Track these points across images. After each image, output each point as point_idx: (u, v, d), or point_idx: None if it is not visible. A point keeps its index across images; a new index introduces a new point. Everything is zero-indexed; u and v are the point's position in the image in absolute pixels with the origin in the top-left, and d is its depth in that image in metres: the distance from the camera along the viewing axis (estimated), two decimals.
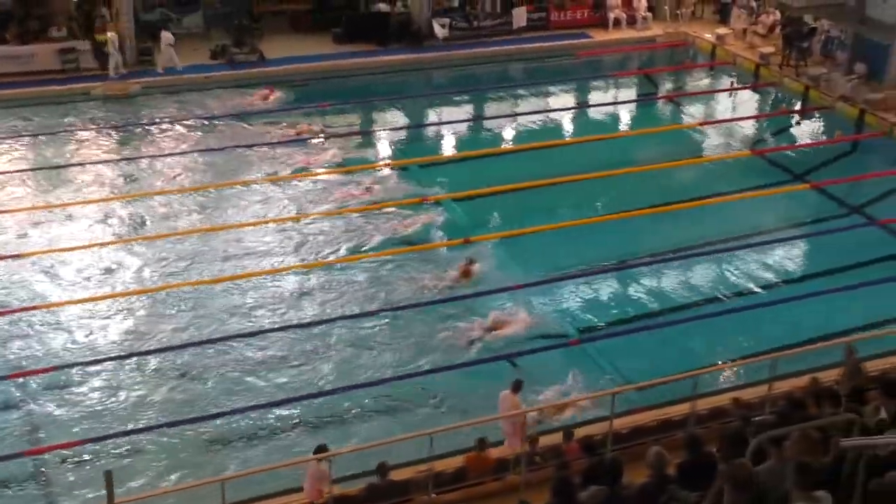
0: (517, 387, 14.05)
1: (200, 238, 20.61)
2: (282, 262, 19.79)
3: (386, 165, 24.23)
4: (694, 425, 13.05)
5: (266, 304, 18.31)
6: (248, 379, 16.21)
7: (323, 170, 23.87)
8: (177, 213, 21.76)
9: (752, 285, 19.36)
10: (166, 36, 29.27)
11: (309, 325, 17.71)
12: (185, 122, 26.54)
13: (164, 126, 26.30)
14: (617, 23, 34.11)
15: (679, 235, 21.05)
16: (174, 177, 23.52)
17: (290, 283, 19.10)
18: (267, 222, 21.32)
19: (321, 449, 12.34)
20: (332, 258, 19.92)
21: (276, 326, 17.59)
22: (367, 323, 17.80)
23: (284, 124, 26.38)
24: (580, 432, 13.20)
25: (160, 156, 24.62)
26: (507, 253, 20.31)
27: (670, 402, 14.55)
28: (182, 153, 24.72)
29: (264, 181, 23.24)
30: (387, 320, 17.88)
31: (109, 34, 28.50)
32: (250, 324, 17.67)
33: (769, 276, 19.81)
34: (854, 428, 8.59)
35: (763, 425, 9.35)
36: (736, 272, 19.88)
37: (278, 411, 15.44)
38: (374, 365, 16.58)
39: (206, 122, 26.53)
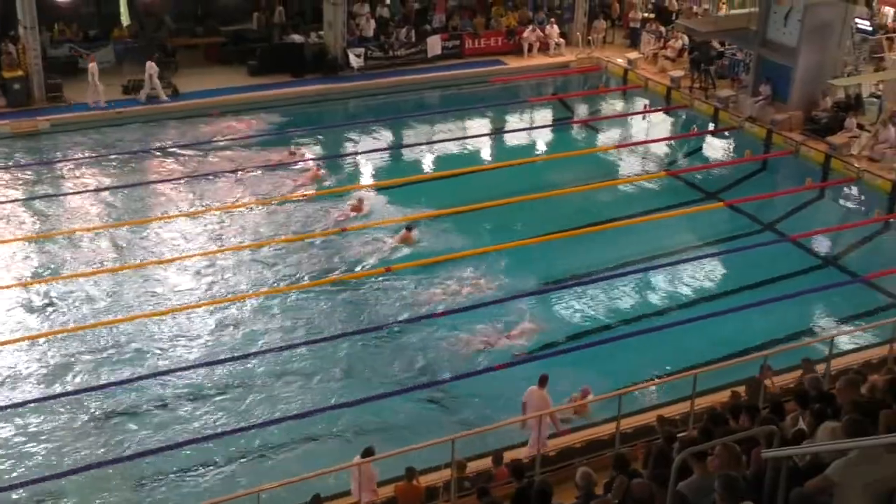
0: (543, 381, 14.60)
1: (114, 277, 20.29)
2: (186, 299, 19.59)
3: (303, 196, 24.11)
4: (621, 444, 13.23)
5: (176, 342, 18.08)
6: (164, 415, 15.99)
7: (246, 201, 23.71)
8: (88, 252, 21.29)
9: (671, 303, 19.75)
10: (150, 65, 29.26)
11: (234, 358, 17.53)
12: (97, 158, 26.09)
13: (74, 163, 25.83)
14: (531, 49, 34.61)
15: (598, 257, 21.33)
16: (87, 214, 23.10)
17: (200, 320, 18.88)
18: (183, 258, 21.06)
19: (369, 451, 12.86)
20: (248, 293, 19.78)
21: (199, 362, 17.39)
22: (287, 355, 17.72)
23: (199, 158, 26.20)
24: (509, 455, 13.27)
25: (71, 193, 24.20)
26: (432, 280, 20.37)
27: (596, 422, 14.74)
28: (95, 190, 24.30)
29: (180, 216, 23.00)
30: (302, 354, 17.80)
31: (90, 65, 28.44)
32: (164, 363, 17.41)
33: (688, 293, 20.24)
34: (774, 439, 8.79)
35: (686, 441, 9.53)
36: (655, 291, 20.28)
37: (208, 445, 15.26)
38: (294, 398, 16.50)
39: (119, 158, 26.13)
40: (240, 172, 25.32)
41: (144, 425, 15.78)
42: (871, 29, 32.29)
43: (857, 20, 30.51)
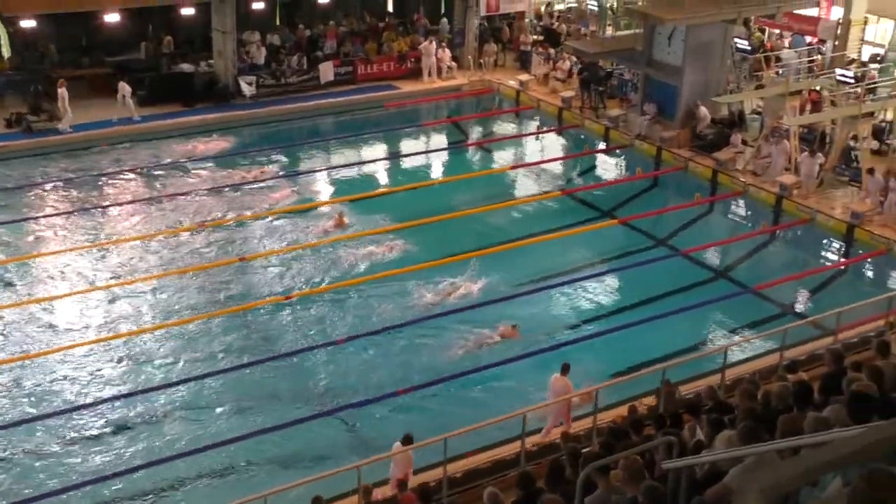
0: (566, 369, 15.43)
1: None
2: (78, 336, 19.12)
3: (201, 225, 23.81)
4: (526, 463, 13.35)
5: (74, 381, 17.65)
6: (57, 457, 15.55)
7: (141, 233, 23.31)
8: None
9: (570, 321, 20.01)
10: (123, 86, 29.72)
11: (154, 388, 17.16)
12: None
13: None
14: (430, 73, 34.86)
15: (495, 279, 21.51)
16: None
17: (99, 356, 18.44)
18: (73, 293, 20.59)
19: (408, 438, 13.61)
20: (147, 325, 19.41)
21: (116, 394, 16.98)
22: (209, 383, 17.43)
23: (87, 191, 25.68)
24: (415, 480, 13.25)
25: None
26: (333, 307, 20.29)
27: (501, 441, 14.83)
28: None
29: (68, 251, 22.49)
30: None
31: (60, 90, 28.54)
32: (52, 404, 16.95)
33: (586, 311, 20.51)
34: (674, 450, 9.01)
35: (590, 456, 9.69)
36: (553, 310, 20.52)
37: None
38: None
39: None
40: (133, 204, 24.87)
41: (58, 465, 15.38)
42: (749, 48, 33.53)
43: (736, 40, 31.64)
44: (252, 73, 32.64)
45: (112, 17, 30.66)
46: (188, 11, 31.99)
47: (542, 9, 41.38)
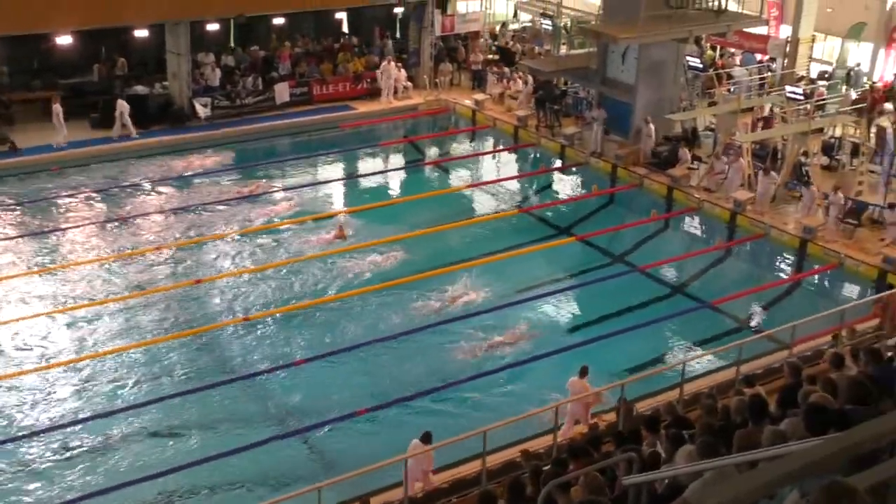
0: (584, 372, 15.96)
1: None
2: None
3: (157, 248, 23.61)
4: (487, 482, 13.33)
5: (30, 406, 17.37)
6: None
7: (97, 256, 23.05)
8: None
9: (528, 339, 20.04)
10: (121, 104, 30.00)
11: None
12: None
13: None
14: (387, 93, 34.89)
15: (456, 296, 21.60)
16: None
17: (53, 380, 18.18)
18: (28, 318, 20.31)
19: (427, 436, 13.92)
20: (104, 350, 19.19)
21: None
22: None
23: (40, 215, 25.39)
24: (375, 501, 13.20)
25: None
26: (288, 328, 20.19)
27: (462, 460, 14.81)
28: None
29: (21, 275, 22.19)
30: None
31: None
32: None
33: (545, 329, 20.57)
34: (633, 465, 9.04)
35: (550, 474, 9.70)
36: (512, 328, 20.53)
37: None
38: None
39: None
40: (88, 227, 24.67)
41: (17, 491, 15.17)
42: (701, 66, 33.99)
43: (688, 58, 32.07)
44: (207, 94, 32.46)
45: (64, 40, 30.37)
46: (142, 33, 31.78)
47: (497, 28, 41.69)
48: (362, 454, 15.59)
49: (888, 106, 31.52)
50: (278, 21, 35.27)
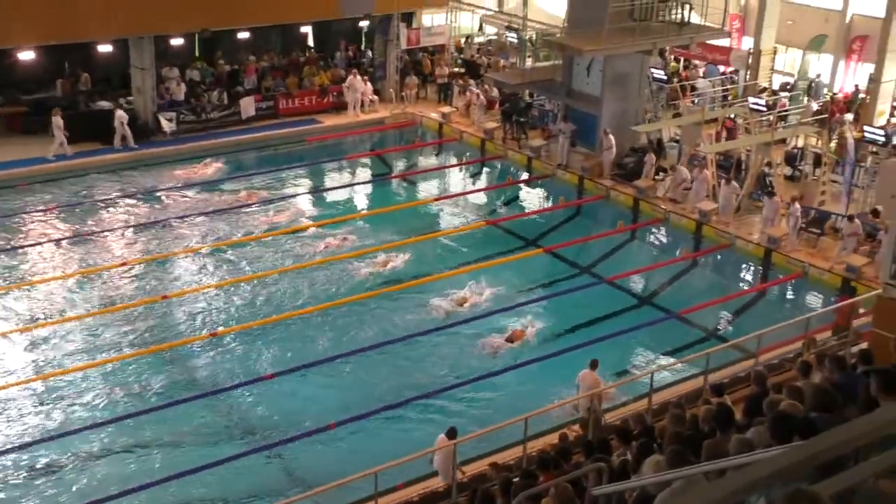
0: (594, 365, 16.34)
1: None
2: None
3: (123, 264, 23.45)
4: (458, 494, 13.34)
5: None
6: None
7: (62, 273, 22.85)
8: None
9: (501, 351, 20.08)
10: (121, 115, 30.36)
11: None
12: None
13: None
14: (354, 107, 34.86)
15: (423, 310, 21.61)
16: None
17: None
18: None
19: (453, 431, 14.29)
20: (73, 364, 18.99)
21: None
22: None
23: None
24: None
25: None
26: (256, 342, 20.11)
27: (432, 473, 14.81)
28: None
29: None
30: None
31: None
32: None
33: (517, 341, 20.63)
34: (603, 475, 9.10)
35: (520, 485, 9.73)
36: (481, 339, 20.56)
37: None
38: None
39: None
40: (55, 243, 24.55)
41: None
42: (665, 78, 34.32)
43: (652, 70, 32.36)
44: (172, 109, 32.32)
45: (27, 55, 30.13)
46: (105, 48, 31.60)
47: (463, 42, 41.84)
48: (333, 469, 15.54)
49: (848, 116, 32.01)
50: (243, 35, 35.19)
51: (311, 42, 38.92)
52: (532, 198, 30.49)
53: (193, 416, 17.67)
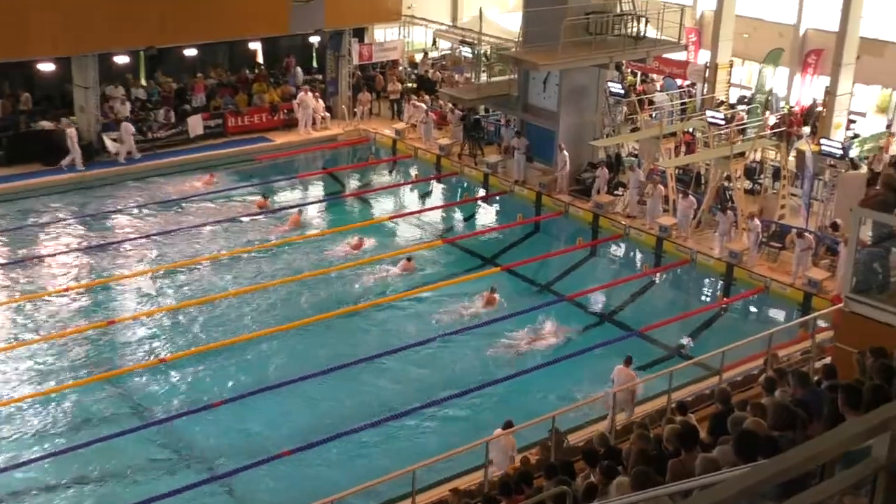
0: (629, 360, 17.63)
1: None
2: None
3: (63, 290, 23.14)
4: None
5: None
6: None
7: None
8: None
9: (457, 374, 20.05)
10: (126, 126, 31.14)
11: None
12: None
13: None
14: (305, 124, 34.76)
15: (377, 332, 21.58)
16: None
17: None
18: None
19: (509, 423, 14.86)
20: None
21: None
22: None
23: None
24: None
25: None
26: (203, 368, 19.92)
27: (391, 500, 14.73)
28: None
29: None
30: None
31: (68, 130, 29.92)
32: None
33: (473, 362, 20.58)
34: (567, 499, 9.09)
35: None
36: (439, 363, 20.53)
37: None
38: None
39: None
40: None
41: None
42: (622, 92, 34.66)
43: (609, 84, 32.67)
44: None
45: None
46: (47, 66, 31.25)
47: (418, 57, 41.94)
48: (289, 498, 15.45)
49: (805, 130, 32.50)
50: (191, 52, 34.98)
51: (260, 59, 38.82)
52: (489, 215, 30.56)
53: (140, 447, 17.39)
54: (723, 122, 30.34)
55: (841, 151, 27.27)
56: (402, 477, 13.95)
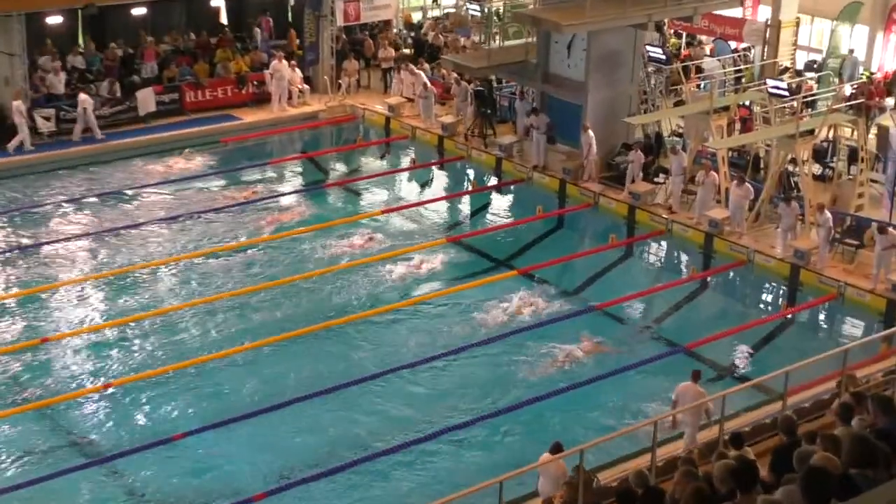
0: (696, 376, 17.70)
1: None
2: None
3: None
4: None
5: None
6: None
7: None
8: None
9: (468, 398, 20.11)
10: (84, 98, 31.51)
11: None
12: None
13: None
14: (280, 99, 34.83)
15: (372, 352, 21.68)
16: None
17: None
18: None
19: (558, 447, 15.05)
20: None
21: None
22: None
23: None
24: None
25: None
26: (152, 396, 20.01)
27: None
28: None
29: None
30: None
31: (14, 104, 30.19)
32: None
33: (486, 384, 20.65)
34: None
35: None
36: (447, 385, 20.62)
37: None
38: None
39: None
40: None
41: None
42: (664, 58, 34.60)
43: (648, 48, 32.62)
44: (50, 105, 32.06)
45: None
46: None
47: (415, 17, 41.89)
48: None
49: (889, 101, 32.37)
50: (139, 11, 35.00)
51: (224, 19, 38.80)
52: (502, 208, 30.57)
53: (83, 489, 17.46)
54: (787, 94, 30.31)
55: None
56: None
